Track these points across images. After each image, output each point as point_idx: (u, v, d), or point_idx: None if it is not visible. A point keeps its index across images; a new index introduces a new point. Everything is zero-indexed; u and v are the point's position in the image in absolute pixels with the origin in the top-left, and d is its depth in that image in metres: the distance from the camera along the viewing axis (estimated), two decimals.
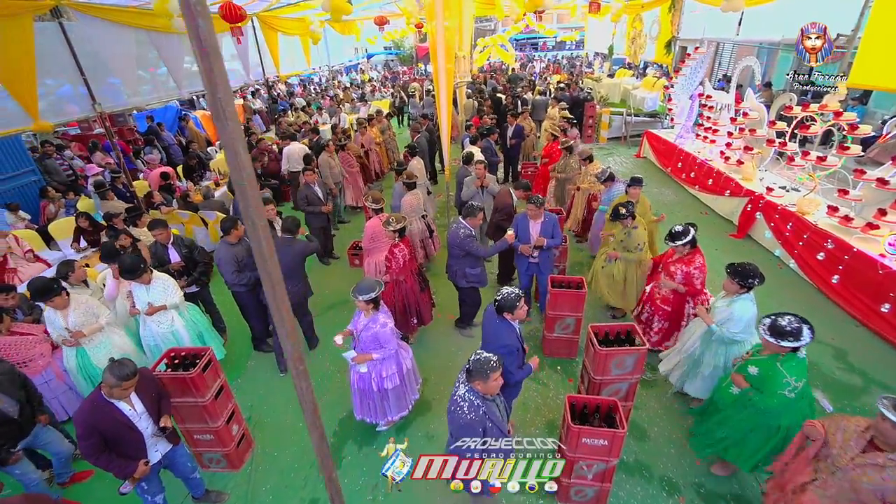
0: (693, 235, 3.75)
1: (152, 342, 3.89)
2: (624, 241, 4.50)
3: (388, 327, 3.29)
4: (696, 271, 3.78)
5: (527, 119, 9.78)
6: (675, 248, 3.81)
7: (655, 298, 4.17)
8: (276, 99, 16.19)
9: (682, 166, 8.82)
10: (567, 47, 30.20)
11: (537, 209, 4.42)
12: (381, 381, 3.50)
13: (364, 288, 3.23)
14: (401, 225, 4.12)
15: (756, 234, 6.66)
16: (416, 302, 4.42)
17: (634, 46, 13.33)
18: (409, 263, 4.29)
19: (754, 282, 3.26)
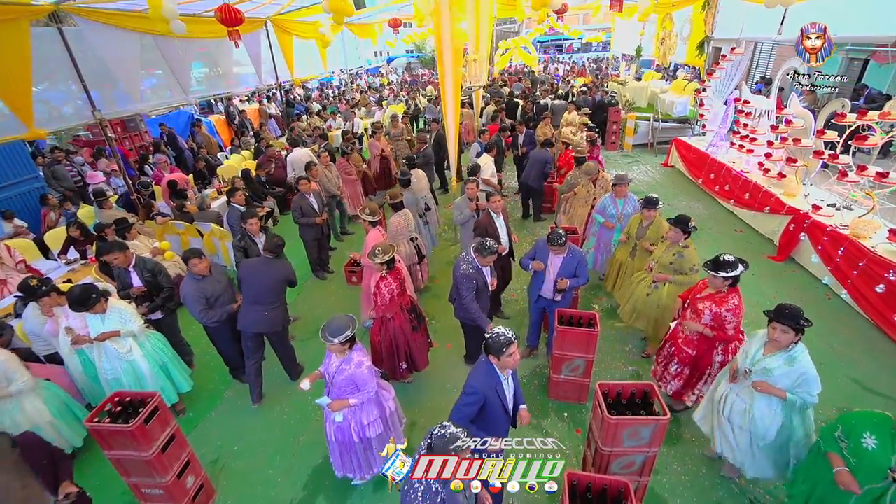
0: (741, 273, 3.13)
1: (110, 376, 3.54)
2: (674, 264, 3.91)
3: (364, 367, 2.85)
4: (729, 314, 3.17)
5: (547, 125, 9.20)
6: (714, 280, 3.18)
7: (678, 338, 3.56)
8: (293, 103, 16.08)
9: (715, 178, 8.07)
10: (593, 49, 29.28)
11: (560, 247, 3.79)
12: (363, 430, 3.05)
13: (335, 328, 2.79)
14: (388, 256, 3.64)
15: (800, 258, 5.90)
16: (405, 343, 3.91)
17: (664, 48, 12.53)
18: (398, 298, 3.81)
19: (807, 322, 2.65)
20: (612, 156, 11.27)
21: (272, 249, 4.09)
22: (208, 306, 3.90)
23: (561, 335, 3.65)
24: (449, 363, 4.60)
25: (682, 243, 3.86)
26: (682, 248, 3.86)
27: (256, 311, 3.94)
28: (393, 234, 5.26)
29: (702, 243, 6.62)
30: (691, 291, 3.54)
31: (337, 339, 2.73)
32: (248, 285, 3.96)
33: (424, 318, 4.18)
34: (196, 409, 4.23)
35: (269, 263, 4.04)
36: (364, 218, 4.59)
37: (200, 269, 3.87)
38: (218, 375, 4.61)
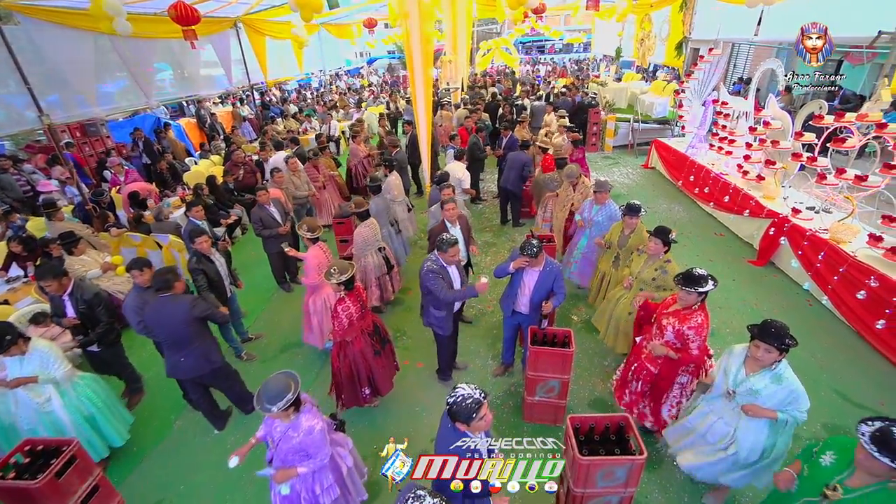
0: (712, 289, 2.93)
1: (27, 426, 3.12)
2: (657, 280, 3.69)
3: (316, 431, 2.40)
4: (692, 332, 2.92)
5: (524, 128, 9.00)
6: (688, 295, 2.96)
7: (642, 353, 3.35)
8: (268, 105, 15.62)
9: (695, 180, 7.96)
10: (575, 50, 29.35)
11: (533, 259, 3.49)
12: (316, 499, 2.61)
13: (273, 394, 2.28)
14: (346, 276, 3.35)
15: (780, 262, 5.80)
16: (367, 369, 3.62)
17: (643, 48, 12.48)
18: (358, 322, 3.51)
19: (792, 342, 2.45)
20: (593, 157, 11.13)
21: (160, 287, 3.37)
22: None
23: (534, 355, 3.41)
24: (419, 383, 4.33)
25: (663, 257, 3.65)
26: (664, 263, 3.65)
27: (174, 358, 3.46)
28: (360, 246, 4.98)
29: (681, 248, 6.48)
30: (660, 306, 3.32)
31: (276, 408, 2.26)
32: (155, 330, 3.48)
33: (389, 341, 3.88)
34: (142, 443, 3.87)
35: (165, 304, 3.36)
36: (303, 235, 4.28)
37: (143, 281, 3.60)
38: (169, 403, 4.25)
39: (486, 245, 6.98)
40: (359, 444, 3.67)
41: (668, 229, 3.61)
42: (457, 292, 3.56)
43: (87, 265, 5.30)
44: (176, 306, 3.34)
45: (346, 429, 2.97)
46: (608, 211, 4.90)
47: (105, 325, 3.70)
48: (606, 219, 4.87)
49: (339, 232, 6.20)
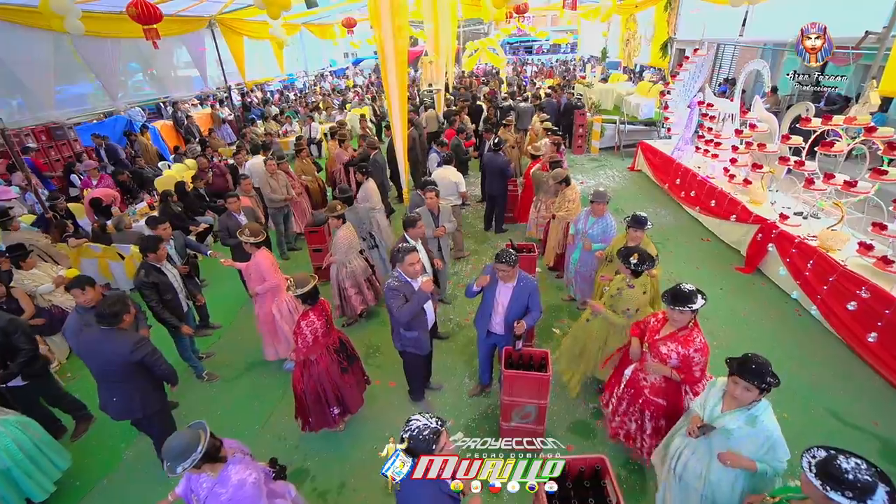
0: (703, 304, 2.71)
1: None
2: (613, 297, 3.46)
3: (247, 484, 2.09)
4: (698, 354, 2.74)
5: (509, 130, 8.78)
6: (681, 315, 2.72)
7: (643, 387, 3.07)
8: (249, 107, 15.24)
9: (681, 183, 7.80)
10: (562, 50, 29.28)
11: (509, 269, 3.24)
12: None
13: (176, 452, 1.97)
14: (306, 289, 3.08)
15: (768, 270, 5.63)
16: (334, 388, 3.37)
17: (628, 49, 12.35)
18: (323, 339, 3.25)
19: (774, 381, 2.20)
20: (579, 160, 10.97)
21: (104, 317, 2.90)
22: None
23: (508, 380, 3.17)
24: (390, 404, 4.06)
25: (628, 280, 3.41)
26: (625, 285, 3.40)
27: (104, 392, 3.12)
28: (344, 249, 4.71)
29: (667, 254, 6.30)
30: (643, 329, 3.09)
31: (181, 468, 1.95)
32: (87, 363, 3.08)
33: (357, 357, 3.62)
34: (86, 476, 3.56)
35: (103, 338, 2.93)
36: (244, 240, 4.00)
37: (86, 301, 3.30)
38: (120, 430, 3.93)
39: (471, 252, 6.73)
40: (324, 475, 3.42)
41: (631, 251, 3.33)
42: (408, 305, 3.29)
43: (37, 279, 4.96)
44: (116, 344, 2.91)
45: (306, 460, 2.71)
46: (604, 225, 4.55)
47: (27, 353, 3.33)
48: (600, 233, 4.55)
49: (312, 241, 5.91)
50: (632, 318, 3.40)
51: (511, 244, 4.98)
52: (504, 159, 6.56)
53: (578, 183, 9.34)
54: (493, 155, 6.56)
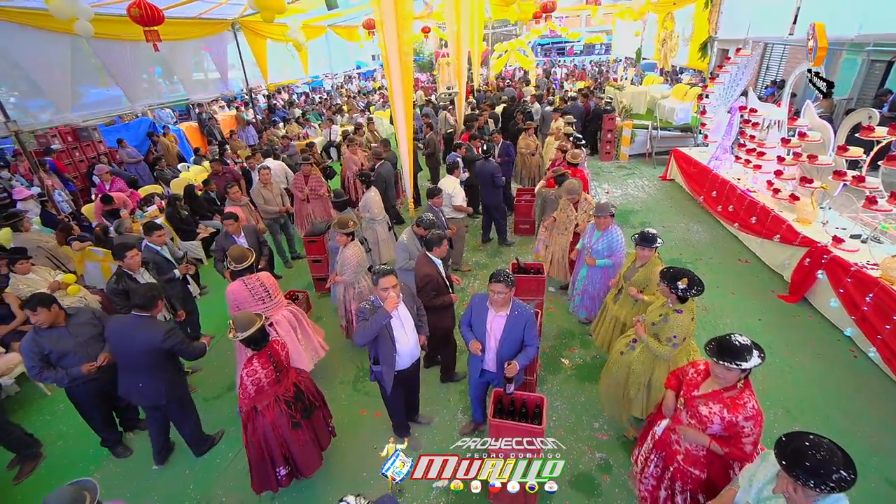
0: (759, 360, 2.19)
1: None
2: (656, 325, 2.98)
3: None
4: (749, 423, 2.16)
5: (530, 136, 8.29)
6: (727, 372, 2.19)
7: (675, 452, 2.51)
8: (274, 109, 15.35)
9: (718, 196, 7.09)
10: (596, 52, 28.32)
11: (506, 291, 2.85)
12: None
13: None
14: (249, 333, 2.74)
15: (817, 300, 4.92)
16: (280, 445, 2.94)
17: (664, 49, 11.58)
18: (271, 388, 2.87)
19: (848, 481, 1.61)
20: (606, 167, 10.33)
21: (142, 305, 3.12)
22: (46, 364, 3.12)
23: (495, 430, 2.73)
24: (373, 439, 3.68)
25: (671, 304, 2.92)
26: (670, 310, 2.92)
27: (129, 378, 3.23)
28: (354, 269, 4.34)
29: (699, 275, 5.66)
30: (680, 379, 2.59)
31: None
32: (114, 349, 3.21)
33: (317, 406, 3.20)
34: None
35: (136, 325, 3.10)
36: (231, 266, 3.66)
37: (41, 321, 3.10)
38: (94, 449, 3.75)
39: (478, 266, 6.32)
40: None
41: (682, 274, 2.84)
42: (368, 325, 2.90)
43: (33, 284, 4.89)
44: (149, 331, 3.08)
45: None
46: (609, 239, 4.16)
47: None
48: (606, 248, 4.16)
49: (311, 251, 5.64)
50: (679, 349, 2.92)
51: (517, 263, 4.57)
52: (493, 166, 6.18)
53: (604, 192, 8.75)
54: (482, 162, 6.18)
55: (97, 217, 6.76)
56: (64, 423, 4.09)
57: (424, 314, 3.41)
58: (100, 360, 3.31)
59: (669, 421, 2.57)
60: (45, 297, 3.13)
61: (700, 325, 4.76)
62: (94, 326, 3.37)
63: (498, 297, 2.90)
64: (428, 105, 12.54)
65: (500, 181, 6.22)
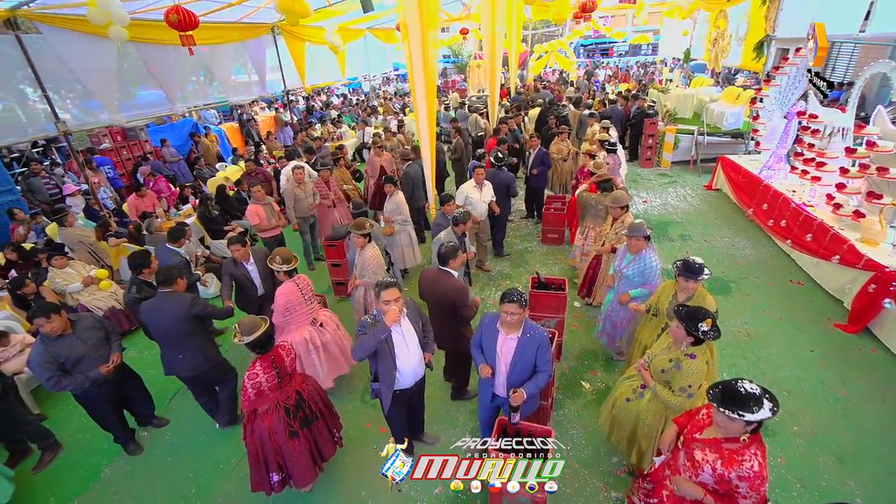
0: (770, 416, 1.87)
1: None
2: (666, 373, 2.64)
3: None
4: (744, 484, 1.87)
5: (563, 141, 7.95)
6: (730, 423, 1.90)
7: (663, 488, 2.29)
8: (312, 110, 15.69)
9: (769, 209, 6.49)
10: (643, 52, 27.19)
11: (519, 312, 2.63)
12: None
13: None
14: (253, 337, 2.69)
15: (882, 332, 4.34)
16: (276, 451, 2.88)
17: (715, 49, 10.85)
18: (272, 392, 2.81)
19: None
20: (646, 174, 9.77)
21: (163, 281, 3.44)
22: (63, 371, 3.16)
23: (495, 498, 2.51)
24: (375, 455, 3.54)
25: (685, 348, 2.59)
26: (682, 355, 2.58)
27: (170, 353, 3.53)
28: (373, 270, 4.29)
29: (743, 297, 5.21)
30: (690, 418, 2.30)
31: None
32: (151, 328, 3.53)
33: (318, 417, 3.10)
34: (62, 492, 3.47)
35: (163, 300, 3.42)
36: (276, 268, 3.64)
37: (51, 330, 3.12)
38: (108, 444, 3.83)
39: (500, 276, 6.07)
40: None
41: (702, 314, 2.49)
42: (366, 338, 2.75)
43: (69, 278, 5.13)
44: (175, 303, 3.38)
45: None
46: (642, 265, 3.69)
47: None
48: (638, 275, 3.72)
49: (331, 255, 5.61)
50: (693, 399, 2.58)
51: (537, 277, 4.31)
52: (508, 175, 5.97)
53: (641, 201, 8.27)
54: (495, 171, 5.93)
55: (132, 215, 7.07)
56: (85, 415, 4.20)
57: (431, 330, 3.24)
58: (113, 359, 3.38)
59: (667, 455, 2.35)
60: (53, 304, 3.20)
61: (740, 353, 4.33)
62: (98, 330, 3.43)
63: (510, 319, 2.69)
64: (462, 107, 12.37)
65: (515, 192, 6.04)
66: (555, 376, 3.84)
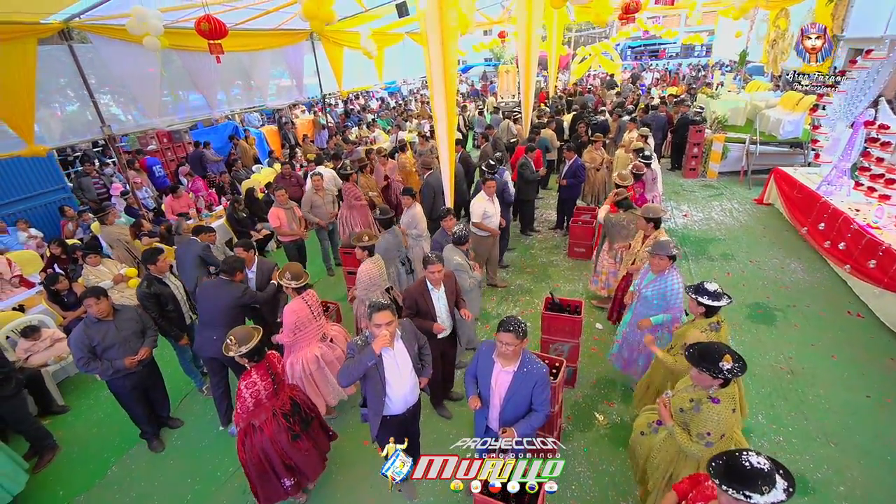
0: (784, 495, 1.57)
1: None
2: (685, 412, 2.36)
3: None
4: None
5: (597, 149, 7.56)
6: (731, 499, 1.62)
7: None
8: (349, 114, 15.96)
9: (826, 229, 5.84)
10: (696, 54, 25.76)
11: (515, 343, 2.42)
12: None
13: None
14: (248, 347, 2.65)
15: None
16: (284, 457, 2.86)
17: (774, 51, 9.99)
18: (269, 401, 2.78)
19: None
20: (689, 185, 9.14)
21: (226, 270, 3.72)
22: (93, 356, 3.31)
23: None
24: (367, 477, 3.43)
25: (714, 390, 2.26)
26: (705, 397, 2.27)
27: (206, 335, 3.67)
28: (365, 285, 4.21)
29: (789, 327, 4.69)
30: (694, 485, 2.00)
31: None
32: (201, 306, 3.79)
33: (313, 417, 3.07)
34: (71, 486, 3.59)
35: (220, 286, 3.72)
36: (285, 283, 3.58)
37: (96, 312, 3.31)
38: (114, 443, 3.94)
39: (520, 291, 5.81)
40: None
41: (716, 352, 2.19)
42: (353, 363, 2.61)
43: (101, 275, 5.38)
44: (231, 290, 3.69)
45: None
46: (663, 287, 3.37)
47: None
48: (658, 296, 3.39)
49: (347, 263, 5.58)
50: (713, 447, 2.27)
51: (551, 297, 4.05)
52: (500, 181, 5.74)
53: (681, 215, 7.72)
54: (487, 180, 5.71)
55: (168, 215, 7.40)
56: (104, 410, 4.38)
57: (429, 353, 3.08)
58: (141, 353, 3.48)
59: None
60: (101, 289, 3.35)
61: (780, 393, 3.87)
62: (136, 323, 3.56)
63: (505, 350, 2.47)
64: (497, 112, 12.15)
65: (510, 198, 5.88)
66: (562, 406, 3.59)
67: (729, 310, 5.05)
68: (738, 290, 5.39)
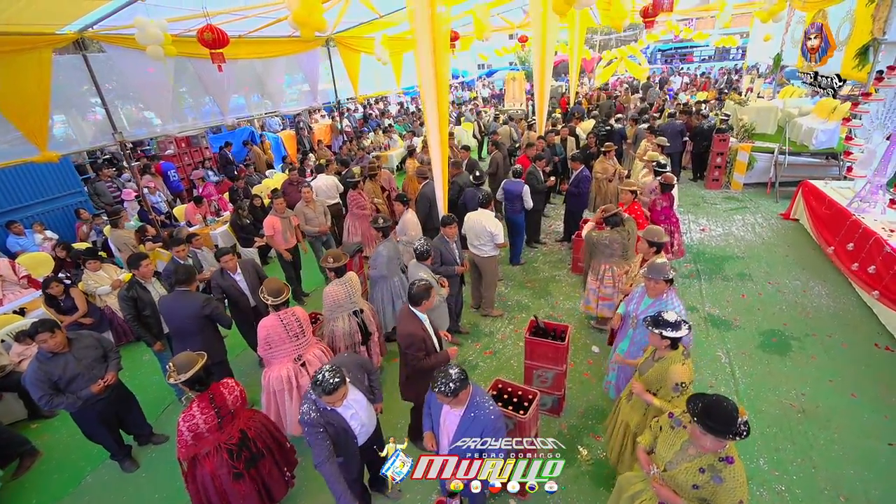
0: None
1: None
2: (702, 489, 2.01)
3: None
4: None
5: (609, 159, 7.23)
6: None
7: None
8: (368, 118, 16.03)
9: (855, 250, 5.34)
10: (731, 56, 24.62)
11: (446, 399, 2.27)
12: None
13: None
14: (189, 374, 2.54)
15: None
16: (220, 495, 2.70)
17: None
18: (212, 434, 2.65)
19: None
20: (711, 196, 8.64)
21: (182, 280, 3.76)
22: (56, 390, 3.19)
23: None
24: None
25: (723, 450, 1.98)
26: (716, 461, 1.98)
27: (179, 347, 3.74)
28: (330, 307, 4.08)
29: (806, 359, 4.28)
30: None
31: None
32: (167, 321, 3.91)
33: (263, 455, 2.91)
34: (45, 494, 3.62)
35: (178, 298, 3.77)
36: (266, 300, 3.47)
37: (52, 346, 3.15)
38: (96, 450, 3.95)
39: (518, 307, 5.57)
40: None
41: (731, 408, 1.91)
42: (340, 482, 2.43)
43: (100, 281, 5.50)
44: (190, 302, 3.71)
45: None
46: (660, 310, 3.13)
47: None
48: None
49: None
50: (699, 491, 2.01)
51: (535, 321, 3.82)
52: (520, 187, 5.77)
53: (699, 229, 7.28)
54: (473, 190, 5.70)
55: (187, 217, 7.56)
56: None
57: (377, 378, 2.94)
58: (108, 378, 3.37)
59: None
60: (52, 322, 3.22)
61: (787, 435, 3.52)
62: (95, 349, 3.42)
63: (443, 400, 2.32)
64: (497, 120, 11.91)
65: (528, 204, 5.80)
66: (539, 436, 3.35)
67: (739, 337, 4.69)
68: (752, 314, 4.99)
